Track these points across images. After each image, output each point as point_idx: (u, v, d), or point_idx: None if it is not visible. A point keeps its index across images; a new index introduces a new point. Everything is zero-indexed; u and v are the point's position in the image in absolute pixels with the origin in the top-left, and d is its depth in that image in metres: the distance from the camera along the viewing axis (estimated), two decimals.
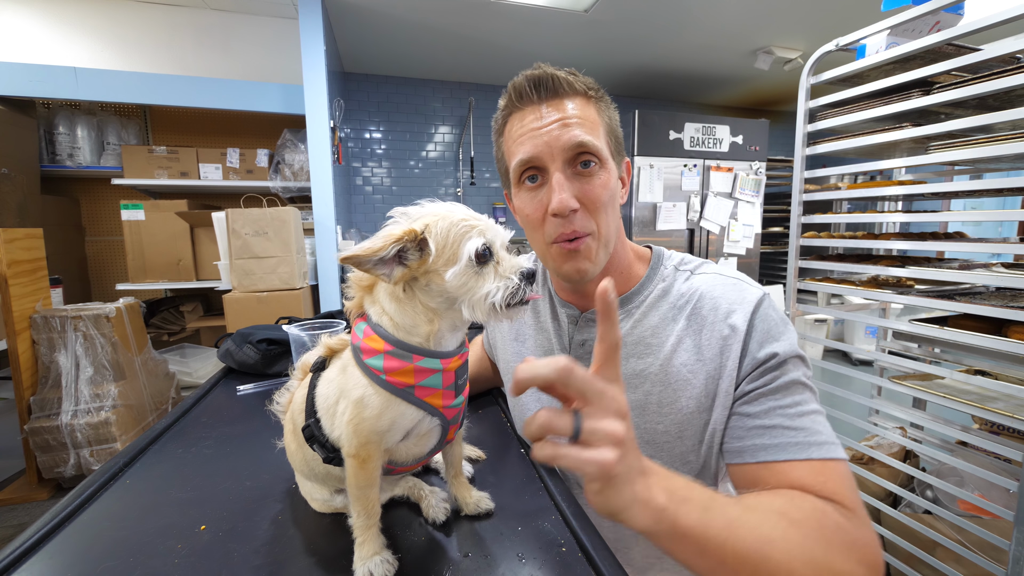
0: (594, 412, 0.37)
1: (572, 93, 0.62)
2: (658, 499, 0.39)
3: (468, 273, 0.45)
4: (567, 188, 0.60)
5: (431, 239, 0.45)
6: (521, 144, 0.62)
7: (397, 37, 3.10)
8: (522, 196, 0.65)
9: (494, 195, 4.20)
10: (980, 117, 1.14)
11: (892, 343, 1.70)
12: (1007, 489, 1.19)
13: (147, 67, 2.71)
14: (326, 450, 0.50)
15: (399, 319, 0.48)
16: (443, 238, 0.45)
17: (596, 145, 0.61)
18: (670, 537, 0.40)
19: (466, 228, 0.46)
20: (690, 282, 0.67)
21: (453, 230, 0.45)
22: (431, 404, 0.48)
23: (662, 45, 3.33)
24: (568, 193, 0.60)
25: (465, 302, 0.46)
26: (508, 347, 0.82)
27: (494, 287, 0.45)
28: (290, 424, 0.58)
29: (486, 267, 0.46)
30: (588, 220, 0.62)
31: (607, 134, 0.64)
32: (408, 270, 0.46)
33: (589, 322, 0.70)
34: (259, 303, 2.08)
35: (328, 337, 0.56)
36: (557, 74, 0.61)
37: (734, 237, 3.52)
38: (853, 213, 1.56)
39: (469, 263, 0.45)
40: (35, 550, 0.48)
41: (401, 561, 0.48)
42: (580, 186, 0.61)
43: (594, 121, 0.62)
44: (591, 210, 0.61)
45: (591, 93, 0.64)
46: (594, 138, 0.61)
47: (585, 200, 0.61)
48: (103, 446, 2.02)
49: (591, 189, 0.61)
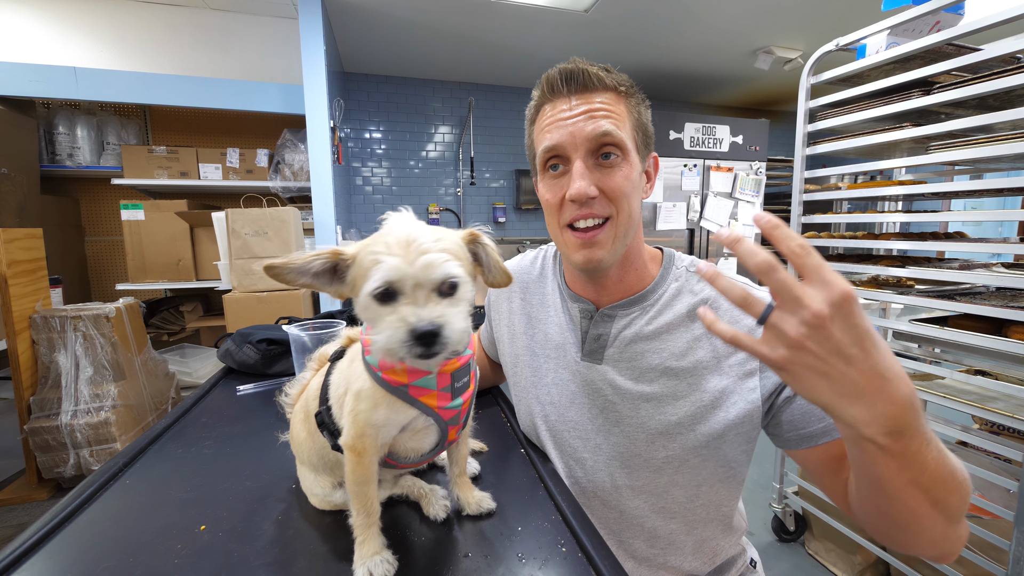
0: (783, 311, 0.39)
1: (602, 88, 0.63)
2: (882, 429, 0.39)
3: (370, 308, 0.42)
4: (587, 176, 0.61)
5: (352, 266, 0.44)
6: (548, 132, 0.64)
7: (397, 37, 3.10)
8: (546, 183, 0.67)
9: (494, 195, 4.20)
10: (980, 117, 1.14)
11: (892, 343, 1.70)
12: (1007, 489, 1.19)
13: (147, 67, 2.71)
14: (335, 437, 0.51)
15: None
16: (357, 268, 0.44)
17: (619, 136, 0.61)
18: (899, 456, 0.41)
19: (369, 264, 0.42)
20: (703, 283, 0.68)
21: (368, 259, 0.42)
22: (425, 404, 0.48)
23: (662, 45, 3.33)
24: (587, 181, 0.61)
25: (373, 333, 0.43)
26: (519, 341, 0.81)
27: (382, 337, 0.41)
28: (301, 413, 0.58)
29: (389, 306, 0.42)
30: (607, 206, 0.63)
31: (634, 128, 0.65)
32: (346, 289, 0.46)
33: (605, 317, 0.70)
34: (259, 303, 2.08)
35: (349, 328, 0.57)
36: (588, 68, 0.62)
37: None
38: (853, 213, 1.56)
39: (369, 302, 0.42)
40: (35, 550, 0.48)
41: (401, 561, 0.48)
42: (600, 176, 0.62)
43: (621, 115, 0.63)
44: (611, 198, 0.63)
45: (622, 88, 0.64)
46: (618, 130, 0.61)
47: (605, 189, 0.62)
48: (103, 446, 2.02)
49: (611, 179, 0.62)
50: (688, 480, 0.66)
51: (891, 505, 0.45)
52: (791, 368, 0.40)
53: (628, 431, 0.67)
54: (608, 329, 0.70)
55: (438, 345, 0.40)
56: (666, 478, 0.66)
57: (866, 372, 0.37)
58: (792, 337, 0.38)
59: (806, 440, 0.59)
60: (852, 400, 0.38)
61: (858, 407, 0.38)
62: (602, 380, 0.69)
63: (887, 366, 0.38)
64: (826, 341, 0.37)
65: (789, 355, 0.39)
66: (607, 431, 0.69)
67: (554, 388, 0.75)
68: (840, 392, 0.38)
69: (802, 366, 0.39)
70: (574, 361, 0.72)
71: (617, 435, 0.68)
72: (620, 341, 0.69)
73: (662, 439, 0.65)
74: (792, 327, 0.38)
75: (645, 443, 0.66)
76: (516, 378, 0.82)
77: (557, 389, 0.74)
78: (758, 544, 1.79)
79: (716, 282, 0.42)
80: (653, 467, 0.66)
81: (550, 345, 0.76)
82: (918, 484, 0.42)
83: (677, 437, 0.64)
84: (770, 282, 0.38)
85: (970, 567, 1.25)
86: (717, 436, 0.63)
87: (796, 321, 0.38)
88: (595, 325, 0.71)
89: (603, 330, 0.70)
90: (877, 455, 0.41)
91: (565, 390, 0.73)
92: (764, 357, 0.41)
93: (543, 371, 0.76)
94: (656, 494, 0.67)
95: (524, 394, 0.79)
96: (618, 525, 0.70)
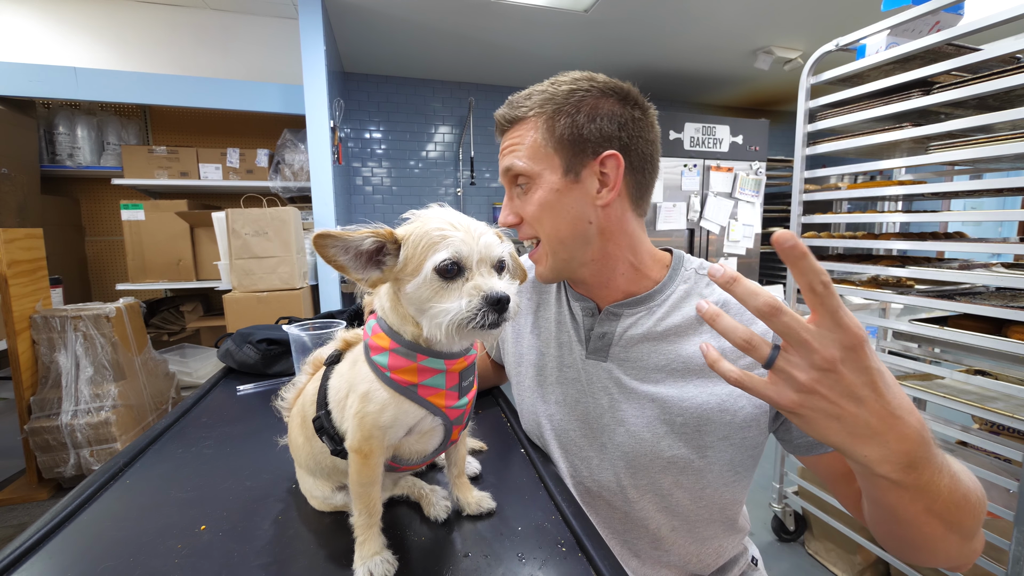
0: (791, 354, 0.38)
1: (516, 121, 0.67)
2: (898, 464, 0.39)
3: (431, 287, 0.43)
4: (508, 206, 0.70)
5: (404, 246, 0.45)
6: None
7: (397, 37, 3.10)
8: None
9: (494, 195, 4.20)
10: (980, 117, 1.14)
11: (892, 343, 1.71)
12: (1007, 489, 1.19)
13: (147, 67, 2.71)
14: (334, 442, 0.51)
15: (391, 318, 0.48)
16: (413, 247, 0.44)
17: (520, 166, 0.65)
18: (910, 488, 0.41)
19: (436, 239, 0.43)
20: (712, 287, 0.69)
21: (424, 240, 0.44)
22: (434, 403, 0.48)
23: (662, 45, 3.33)
24: (507, 211, 0.70)
25: (425, 316, 0.44)
26: (524, 340, 0.82)
27: (453, 306, 0.42)
28: (298, 417, 0.58)
29: (453, 283, 0.43)
30: (530, 229, 0.69)
31: (553, 144, 0.63)
32: (382, 275, 0.46)
33: (610, 315, 0.71)
34: (259, 303, 2.08)
35: (345, 331, 0.56)
36: (504, 110, 0.68)
37: (734, 237, 3.52)
38: (853, 213, 1.56)
39: (433, 277, 0.43)
40: (35, 550, 0.48)
41: (401, 561, 0.48)
42: (518, 203, 0.69)
43: (531, 141, 0.65)
44: (529, 222, 0.68)
45: (534, 112, 0.65)
46: (521, 160, 0.65)
47: (522, 214, 0.69)
48: (103, 446, 2.02)
49: (523, 206, 0.68)
50: (693, 482, 0.66)
51: (906, 530, 0.45)
52: (801, 412, 0.39)
53: (634, 430, 0.67)
54: (613, 327, 0.70)
55: (508, 312, 0.43)
56: (671, 479, 0.66)
57: (877, 412, 0.37)
58: (802, 382, 0.37)
59: (816, 447, 0.59)
60: (864, 440, 0.38)
61: (870, 447, 0.38)
62: (608, 378, 0.70)
63: (898, 404, 0.37)
64: (837, 384, 0.37)
65: (799, 399, 0.38)
66: (612, 430, 0.69)
67: (559, 387, 0.75)
68: (852, 433, 0.38)
69: (812, 409, 0.38)
70: (579, 359, 0.73)
71: (623, 435, 0.68)
72: (626, 340, 0.69)
73: (667, 440, 0.65)
74: (802, 371, 0.37)
75: (651, 443, 0.66)
76: (519, 378, 0.82)
77: (562, 388, 0.75)
78: (758, 544, 1.78)
79: (717, 323, 0.40)
80: (658, 468, 0.66)
81: (554, 344, 0.77)
82: (931, 511, 0.42)
83: (683, 439, 0.65)
84: (776, 326, 0.37)
85: (970, 567, 1.25)
86: (723, 439, 0.63)
87: (806, 365, 0.37)
88: (600, 323, 0.71)
89: (608, 328, 0.71)
90: (890, 488, 0.41)
91: (570, 389, 0.74)
92: (773, 401, 0.40)
93: (548, 370, 0.77)
94: (661, 495, 0.67)
95: (528, 393, 0.79)
96: (622, 525, 0.70)
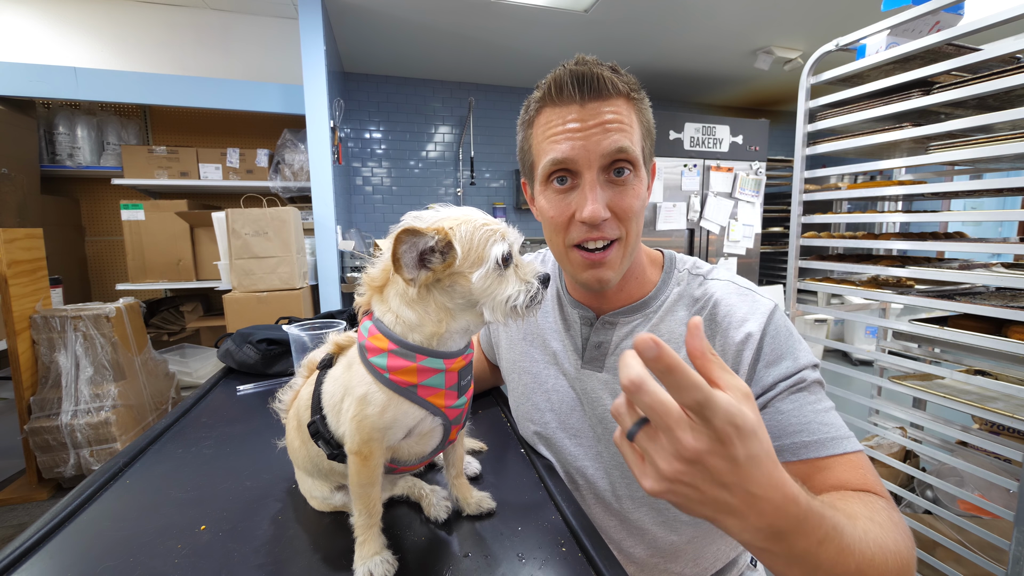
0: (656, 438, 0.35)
1: (615, 94, 0.58)
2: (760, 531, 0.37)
3: (492, 276, 0.47)
4: (600, 197, 0.58)
5: (456, 242, 0.46)
6: (555, 143, 0.59)
7: (397, 37, 3.10)
8: (548, 196, 0.63)
9: (494, 195, 4.20)
10: (980, 117, 1.14)
11: (892, 343, 1.70)
12: (1007, 489, 1.19)
13: (147, 67, 2.71)
14: (330, 446, 0.50)
15: (407, 319, 0.48)
16: (468, 241, 0.46)
17: (634, 153, 0.58)
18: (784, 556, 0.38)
19: (490, 232, 0.47)
20: (704, 287, 0.66)
21: (477, 233, 0.47)
22: (433, 404, 0.48)
23: (662, 45, 3.33)
24: (601, 203, 0.58)
25: (487, 304, 0.48)
26: (516, 347, 0.81)
27: (515, 290, 0.48)
28: (294, 421, 0.58)
29: (507, 270, 0.48)
30: (617, 227, 0.60)
31: (643, 138, 0.62)
32: (432, 273, 0.46)
33: (606, 324, 0.69)
34: (259, 303, 2.08)
35: (336, 335, 0.56)
36: (602, 73, 0.57)
37: (734, 237, 3.52)
38: (853, 213, 1.56)
39: (496, 266, 0.47)
40: (35, 550, 0.48)
41: (401, 561, 0.48)
42: (612, 195, 0.59)
43: (633, 125, 0.59)
44: (621, 219, 0.60)
45: (633, 95, 0.60)
46: (632, 145, 0.58)
47: (616, 209, 0.60)
48: (103, 446, 2.02)
49: (623, 199, 0.60)
50: None
51: None
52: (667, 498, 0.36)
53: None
54: (609, 337, 0.69)
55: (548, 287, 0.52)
56: None
57: (739, 495, 0.35)
58: (665, 473, 0.35)
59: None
60: (725, 515, 0.36)
61: (731, 520, 0.36)
62: (603, 388, 0.68)
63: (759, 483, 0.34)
64: (702, 473, 0.34)
65: (661, 488, 0.35)
66: (607, 440, 0.68)
67: (554, 395, 0.74)
68: (715, 509, 0.36)
69: (676, 495, 0.36)
70: (574, 369, 0.72)
71: None
72: (622, 349, 0.68)
73: None
74: (665, 461, 0.34)
75: None
76: (514, 384, 0.81)
77: (557, 396, 0.74)
78: None
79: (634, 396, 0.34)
80: None
81: (549, 352, 0.75)
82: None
83: None
84: (640, 404, 0.33)
85: (970, 567, 1.26)
86: None
87: (669, 454, 0.34)
88: (596, 332, 0.70)
89: (604, 338, 0.70)
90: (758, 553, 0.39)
91: (565, 397, 0.73)
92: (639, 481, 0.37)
93: (542, 377, 0.76)
94: (657, 504, 0.67)
95: (523, 400, 0.78)
96: (619, 533, 0.70)
